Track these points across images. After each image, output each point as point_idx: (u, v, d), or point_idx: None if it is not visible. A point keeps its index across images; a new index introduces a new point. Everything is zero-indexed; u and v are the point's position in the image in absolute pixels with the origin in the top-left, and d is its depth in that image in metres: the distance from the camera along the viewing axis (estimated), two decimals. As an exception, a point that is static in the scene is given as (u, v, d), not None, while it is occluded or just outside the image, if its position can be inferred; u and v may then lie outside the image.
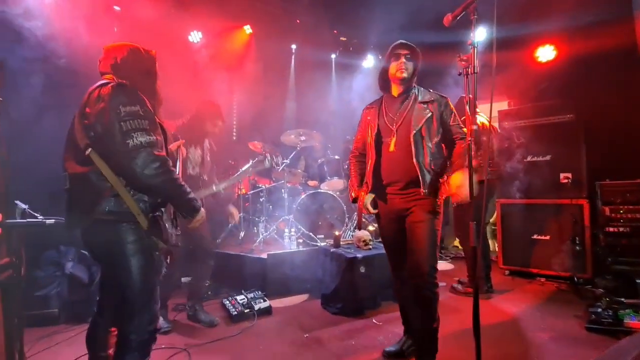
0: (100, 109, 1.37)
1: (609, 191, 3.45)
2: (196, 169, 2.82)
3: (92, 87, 1.46)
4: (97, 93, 1.40)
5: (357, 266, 3.04)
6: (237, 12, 4.53)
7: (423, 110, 1.99)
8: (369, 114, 2.21)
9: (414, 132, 1.95)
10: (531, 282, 3.72)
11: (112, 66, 1.53)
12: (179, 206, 1.54)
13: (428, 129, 1.96)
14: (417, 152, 1.94)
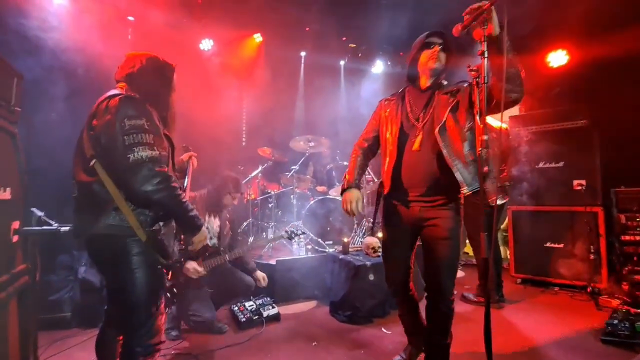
0: (106, 121, 1.38)
1: (625, 198, 3.38)
2: (214, 239, 2.86)
3: (102, 97, 1.47)
4: (106, 105, 1.41)
5: (366, 273, 3.02)
6: (247, 21, 4.61)
7: (447, 99, 1.79)
8: (387, 107, 1.98)
9: (438, 126, 1.75)
10: (544, 291, 3.64)
11: (128, 75, 1.54)
12: (180, 223, 1.53)
13: (456, 118, 1.75)
14: (447, 145, 1.72)
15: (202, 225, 1.55)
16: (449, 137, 1.75)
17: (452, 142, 1.74)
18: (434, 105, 1.82)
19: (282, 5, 4.04)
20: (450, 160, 1.72)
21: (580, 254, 3.55)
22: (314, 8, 4.12)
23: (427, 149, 1.79)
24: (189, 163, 2.08)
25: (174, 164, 1.61)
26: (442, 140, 1.74)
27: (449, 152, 1.73)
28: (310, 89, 5.84)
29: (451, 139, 1.75)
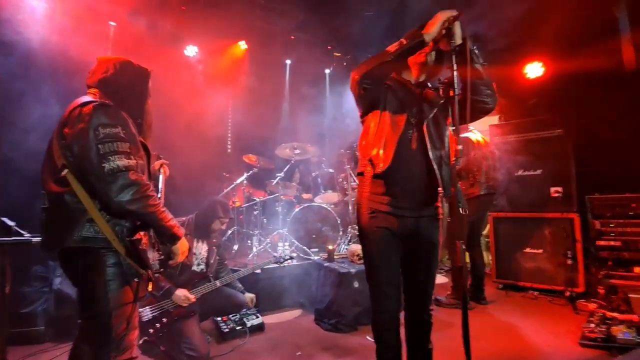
0: (79, 129, 1.33)
1: (599, 205, 3.50)
2: (201, 265, 2.80)
3: (74, 104, 1.41)
4: (78, 112, 1.36)
5: (351, 281, 3.02)
6: (232, 28, 4.62)
7: (434, 95, 1.72)
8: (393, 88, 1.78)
9: (425, 120, 1.65)
10: (524, 295, 3.72)
11: (100, 80, 1.48)
12: (159, 233, 1.48)
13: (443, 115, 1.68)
14: (433, 144, 1.63)
15: (182, 235, 1.51)
16: (434, 132, 1.66)
17: (436, 138, 1.66)
18: (422, 101, 1.71)
19: (267, 14, 4.09)
20: (435, 160, 1.61)
21: (558, 259, 3.66)
22: (299, 17, 4.18)
23: (419, 150, 1.63)
24: (161, 171, 2.02)
25: (149, 173, 1.56)
26: (429, 138, 1.63)
27: (432, 146, 1.62)
28: (296, 97, 5.87)
29: (436, 134, 1.66)
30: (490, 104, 1.62)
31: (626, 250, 3.31)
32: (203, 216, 2.87)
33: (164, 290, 2.50)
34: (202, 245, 2.84)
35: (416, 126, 1.66)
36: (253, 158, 4.52)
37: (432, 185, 1.64)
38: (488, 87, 1.61)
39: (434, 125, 1.67)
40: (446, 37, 1.48)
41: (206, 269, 2.82)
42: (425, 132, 1.63)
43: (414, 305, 1.76)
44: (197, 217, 2.87)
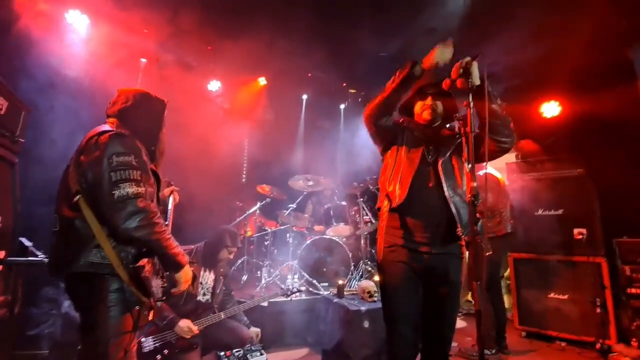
0: (95, 157, 1.38)
1: (628, 249, 3.30)
2: (207, 296, 2.77)
3: (92, 132, 1.48)
4: (95, 140, 1.42)
5: (361, 320, 2.88)
6: (253, 65, 4.89)
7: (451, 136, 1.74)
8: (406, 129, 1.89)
9: (442, 160, 1.69)
10: (550, 345, 3.43)
11: (120, 110, 1.57)
12: (163, 260, 1.49)
13: (459, 152, 1.68)
14: (449, 182, 1.64)
15: (186, 263, 1.51)
16: (451, 171, 1.69)
17: (453, 176, 1.68)
18: (439, 140, 1.76)
19: (286, 53, 4.33)
20: (450, 198, 1.63)
21: (585, 307, 3.39)
22: (316, 56, 4.40)
23: (436, 187, 1.67)
24: (171, 198, 2.06)
25: (158, 199, 1.60)
26: (444, 173, 1.66)
27: (448, 185, 1.64)
28: (311, 131, 6.03)
29: (452, 173, 1.68)
30: (508, 144, 1.63)
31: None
32: (211, 245, 2.86)
33: (167, 320, 2.44)
34: (209, 275, 2.80)
35: (432, 164, 1.71)
36: (267, 188, 4.57)
37: (449, 223, 1.64)
38: (506, 127, 1.62)
39: (451, 164, 1.70)
40: (464, 76, 1.52)
41: (211, 300, 2.77)
42: (440, 170, 1.67)
43: (430, 351, 1.69)
44: (205, 246, 2.86)
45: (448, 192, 1.64)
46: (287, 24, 3.88)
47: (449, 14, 3.84)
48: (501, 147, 1.62)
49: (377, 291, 3.22)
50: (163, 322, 2.44)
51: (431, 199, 1.66)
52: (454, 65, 1.55)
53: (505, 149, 1.64)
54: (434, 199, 1.66)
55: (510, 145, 1.64)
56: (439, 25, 3.91)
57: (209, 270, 2.80)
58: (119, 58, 3.57)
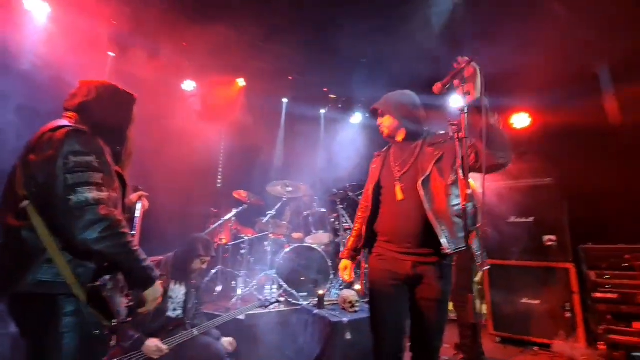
0: (47, 156, 1.19)
1: (593, 255, 3.45)
2: (178, 311, 2.56)
3: (45, 128, 1.28)
4: (49, 137, 1.23)
5: (343, 331, 2.79)
6: (231, 66, 4.72)
7: (433, 152, 1.77)
8: (375, 162, 2.02)
9: (422, 178, 1.72)
10: (524, 351, 3.52)
11: (80, 104, 1.38)
12: (130, 275, 1.30)
13: (441, 170, 1.71)
14: (430, 200, 1.67)
15: (156, 279, 1.34)
16: (432, 191, 1.71)
17: (435, 195, 1.70)
18: (418, 157, 1.81)
19: (266, 55, 4.22)
20: (433, 216, 1.66)
21: (556, 312, 3.52)
22: (298, 60, 4.33)
23: (410, 200, 1.74)
24: (139, 205, 1.87)
25: (124, 206, 1.42)
26: (424, 193, 1.70)
27: (431, 207, 1.67)
28: (290, 135, 5.92)
29: (434, 192, 1.70)
30: (508, 160, 1.60)
31: (624, 303, 3.22)
32: (182, 255, 2.64)
33: (133, 341, 2.21)
34: (180, 288, 2.58)
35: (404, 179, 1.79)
36: (243, 194, 4.39)
37: (430, 234, 1.67)
38: (507, 144, 1.60)
39: (431, 178, 1.73)
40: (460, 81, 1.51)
41: (183, 315, 2.56)
42: (420, 187, 1.72)
43: (416, 351, 1.73)
44: (175, 256, 2.64)
45: (428, 206, 1.68)
46: (268, 25, 3.78)
47: (428, 25, 3.92)
48: (501, 161, 1.59)
49: (358, 301, 3.16)
50: (128, 343, 2.21)
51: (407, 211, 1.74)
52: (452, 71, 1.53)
53: (505, 164, 1.60)
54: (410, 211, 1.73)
55: (508, 162, 1.60)
56: (418, 35, 3.97)
57: (179, 282, 2.59)
58: (83, 51, 3.28)
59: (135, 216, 1.84)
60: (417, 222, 1.70)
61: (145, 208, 1.90)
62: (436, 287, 1.67)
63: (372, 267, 1.85)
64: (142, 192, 1.98)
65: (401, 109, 1.89)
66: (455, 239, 1.63)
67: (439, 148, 1.77)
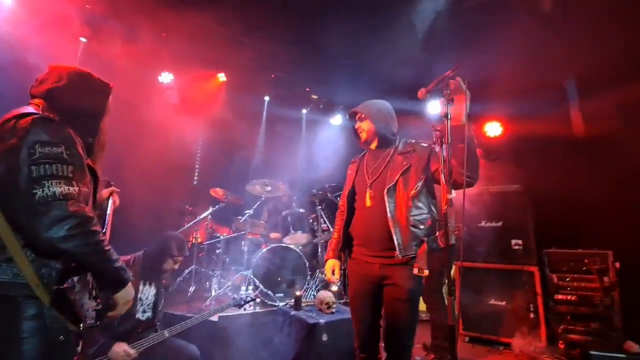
0: (10, 145, 1.09)
1: (555, 259, 3.64)
2: (147, 313, 2.43)
3: (8, 115, 1.18)
4: (12, 125, 1.13)
5: (319, 333, 2.79)
6: (212, 59, 4.60)
7: (401, 162, 1.88)
8: (351, 168, 2.14)
9: (388, 186, 1.84)
10: (490, 350, 3.66)
11: (49, 90, 1.27)
12: (100, 277, 1.23)
13: (406, 181, 1.82)
14: (392, 209, 1.80)
15: (128, 280, 1.27)
16: (396, 199, 1.83)
17: (397, 204, 1.82)
18: (388, 165, 1.92)
19: (250, 50, 4.14)
20: (391, 223, 1.79)
21: (521, 313, 3.69)
22: (282, 58, 4.28)
23: (378, 207, 1.85)
24: (110, 201, 1.77)
25: (95, 202, 1.33)
26: (388, 201, 1.82)
27: (391, 213, 1.80)
28: (271, 134, 5.85)
29: (397, 201, 1.82)
30: (475, 181, 1.69)
31: (582, 305, 3.43)
32: (153, 254, 2.51)
33: (99, 346, 2.07)
34: (150, 289, 2.46)
35: (374, 186, 1.90)
36: (220, 192, 4.29)
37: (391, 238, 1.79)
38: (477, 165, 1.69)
39: (397, 188, 1.84)
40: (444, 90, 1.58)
41: (152, 317, 2.44)
42: (385, 194, 1.83)
43: (388, 349, 1.82)
44: (145, 255, 2.51)
45: (390, 214, 1.81)
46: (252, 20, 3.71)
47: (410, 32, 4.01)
48: (469, 181, 1.65)
49: (335, 302, 3.17)
50: (93, 349, 2.08)
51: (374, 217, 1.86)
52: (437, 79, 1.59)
53: (471, 184, 1.67)
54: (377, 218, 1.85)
55: (475, 182, 1.68)
56: (400, 41, 4.05)
57: (149, 283, 2.46)
58: (53, 35, 3.05)
59: (106, 213, 1.74)
60: (383, 227, 1.81)
61: (116, 205, 1.81)
62: (403, 287, 1.76)
63: (349, 269, 2.01)
64: (114, 188, 1.87)
65: (380, 116, 2.00)
66: (406, 247, 1.75)
67: (407, 159, 1.89)
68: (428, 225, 1.79)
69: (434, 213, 1.86)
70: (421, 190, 1.82)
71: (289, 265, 3.97)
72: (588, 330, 3.33)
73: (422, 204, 1.82)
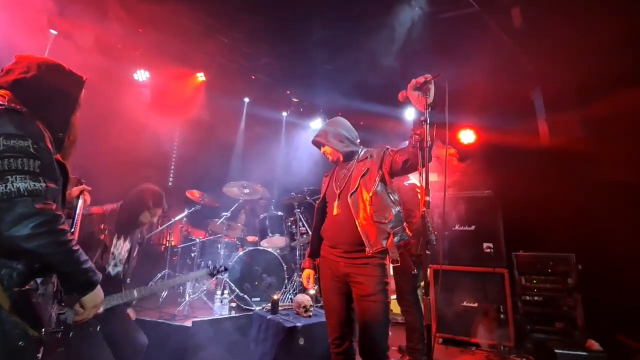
0: None
1: (523, 262, 3.81)
2: (118, 267, 2.31)
3: None
4: None
5: (296, 337, 2.76)
6: (191, 59, 4.50)
7: (361, 168, 2.06)
8: (324, 181, 2.30)
9: (350, 192, 1.99)
10: (463, 351, 3.76)
11: (16, 81, 1.21)
12: (67, 279, 1.16)
13: (365, 183, 1.98)
14: (356, 211, 1.94)
15: (97, 282, 1.21)
16: (358, 202, 1.97)
17: (362, 206, 1.95)
18: (351, 174, 2.09)
19: (230, 51, 4.08)
20: (358, 224, 1.91)
21: (491, 314, 3.82)
22: (263, 60, 4.26)
23: (344, 213, 2.00)
24: (80, 200, 1.70)
25: (64, 200, 1.27)
26: (352, 204, 1.97)
27: (356, 214, 1.94)
28: (250, 136, 5.79)
29: (360, 203, 1.96)
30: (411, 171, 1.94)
31: (548, 305, 3.60)
32: (129, 207, 2.37)
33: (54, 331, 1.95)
34: (124, 244, 2.33)
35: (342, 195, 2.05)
36: (197, 194, 4.18)
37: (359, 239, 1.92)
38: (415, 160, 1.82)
39: (357, 192, 1.99)
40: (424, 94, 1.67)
41: (122, 273, 2.31)
42: (348, 199, 1.98)
43: (363, 350, 1.88)
44: (121, 208, 2.36)
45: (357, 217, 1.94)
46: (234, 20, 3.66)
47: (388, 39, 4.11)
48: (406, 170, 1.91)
49: (312, 305, 3.15)
50: (45, 336, 1.93)
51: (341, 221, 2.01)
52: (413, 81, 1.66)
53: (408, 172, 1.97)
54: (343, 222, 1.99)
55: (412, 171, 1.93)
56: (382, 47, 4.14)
57: (124, 237, 2.33)
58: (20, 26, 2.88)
59: (75, 212, 1.66)
60: (349, 230, 1.95)
61: (86, 204, 1.74)
62: (367, 285, 1.86)
63: (320, 267, 2.16)
64: (85, 186, 1.80)
65: (336, 137, 2.15)
66: (375, 242, 1.87)
67: (366, 164, 2.05)
68: (391, 218, 1.92)
69: (394, 206, 2.00)
70: (378, 188, 1.96)
71: (266, 268, 3.92)
72: (553, 330, 3.49)
73: (382, 199, 1.95)
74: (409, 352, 3.26)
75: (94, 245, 2.16)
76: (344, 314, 2.03)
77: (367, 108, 5.01)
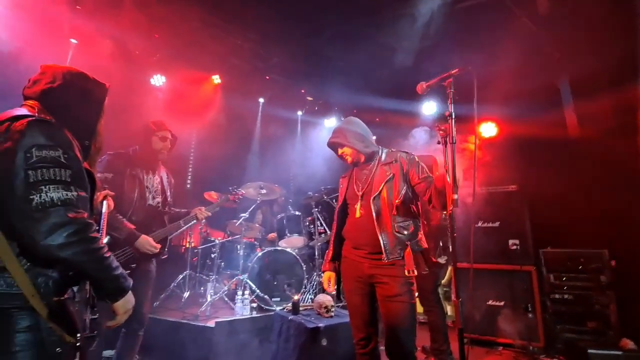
0: (4, 149, 1.05)
1: (552, 259, 3.65)
2: (157, 198, 2.51)
3: (1, 116, 1.13)
4: (6, 128, 1.08)
5: (319, 338, 2.73)
6: (206, 62, 4.53)
7: (385, 172, 2.02)
8: (342, 183, 2.27)
9: (373, 195, 1.97)
10: (489, 351, 3.65)
11: (44, 91, 1.23)
12: (100, 285, 1.18)
13: (389, 190, 1.96)
14: (378, 217, 1.93)
15: (128, 288, 1.22)
16: (381, 207, 1.96)
17: (383, 211, 1.94)
18: (373, 176, 2.06)
19: (244, 52, 4.09)
20: (378, 229, 1.91)
21: (519, 313, 3.69)
22: (276, 60, 4.24)
23: (366, 215, 1.99)
24: (104, 205, 1.73)
25: (92, 208, 1.28)
26: (374, 209, 1.95)
27: (377, 220, 1.93)
28: (266, 136, 5.80)
29: (382, 209, 1.95)
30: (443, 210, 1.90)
31: (579, 304, 3.44)
32: (140, 143, 2.56)
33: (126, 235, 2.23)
34: (154, 177, 2.52)
35: (364, 197, 2.04)
36: (214, 195, 4.22)
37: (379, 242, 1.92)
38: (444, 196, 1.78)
39: (380, 197, 1.96)
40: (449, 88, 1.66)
41: (161, 203, 2.52)
42: (371, 203, 1.97)
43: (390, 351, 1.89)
44: (138, 149, 2.56)
45: (377, 221, 1.94)
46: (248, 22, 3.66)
47: (406, 32, 4.00)
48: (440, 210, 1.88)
49: (334, 305, 3.12)
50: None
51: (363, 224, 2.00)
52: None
53: None
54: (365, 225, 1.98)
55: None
56: (396, 41, 4.04)
57: (152, 172, 2.52)
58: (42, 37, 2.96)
59: (101, 218, 1.69)
60: (371, 233, 1.95)
61: (110, 208, 1.77)
62: (393, 285, 1.86)
63: (342, 268, 2.14)
64: (108, 191, 1.83)
65: (356, 137, 2.10)
66: (392, 251, 1.88)
67: (391, 169, 2.02)
68: (411, 231, 1.93)
69: (416, 217, 2.00)
70: (405, 198, 1.95)
71: (285, 269, 3.91)
72: (585, 329, 3.33)
73: (405, 210, 1.95)
74: (435, 354, 3.20)
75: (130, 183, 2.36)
76: (369, 314, 2.02)
77: (382, 104, 4.92)
